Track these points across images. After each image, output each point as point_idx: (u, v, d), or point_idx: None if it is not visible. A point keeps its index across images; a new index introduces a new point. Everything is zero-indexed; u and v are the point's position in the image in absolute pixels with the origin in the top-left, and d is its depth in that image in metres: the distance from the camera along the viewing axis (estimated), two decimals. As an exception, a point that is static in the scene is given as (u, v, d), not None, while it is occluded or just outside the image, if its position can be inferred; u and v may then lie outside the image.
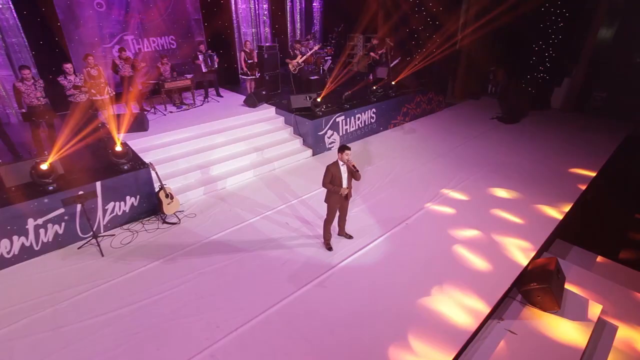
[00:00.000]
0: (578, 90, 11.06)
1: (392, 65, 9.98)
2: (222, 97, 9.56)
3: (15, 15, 7.06)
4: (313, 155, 8.03)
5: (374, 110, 9.08)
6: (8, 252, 4.59)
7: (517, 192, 6.41)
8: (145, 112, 7.83)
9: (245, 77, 9.61)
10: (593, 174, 6.97)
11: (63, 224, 4.92)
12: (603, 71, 10.65)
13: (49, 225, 4.82)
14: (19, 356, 3.47)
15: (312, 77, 9.85)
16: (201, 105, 8.90)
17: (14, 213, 4.50)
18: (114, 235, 5.30)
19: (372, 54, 9.86)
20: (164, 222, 5.60)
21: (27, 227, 4.64)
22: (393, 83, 9.46)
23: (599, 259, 5.46)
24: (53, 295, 4.20)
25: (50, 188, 4.77)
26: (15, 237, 4.58)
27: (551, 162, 7.63)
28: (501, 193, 6.41)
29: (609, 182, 7.30)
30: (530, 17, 10.70)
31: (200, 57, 8.81)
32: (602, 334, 4.05)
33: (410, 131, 9.48)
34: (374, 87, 9.14)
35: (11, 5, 6.96)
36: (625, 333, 4.11)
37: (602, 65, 10.54)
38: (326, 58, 10.23)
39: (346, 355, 3.47)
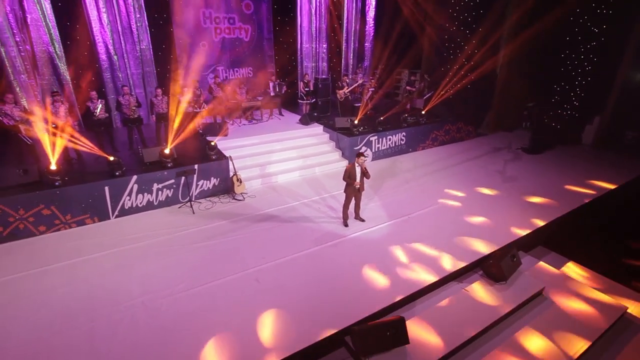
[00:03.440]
0: (608, 128, 11.70)
1: (425, 97, 11.73)
2: (283, 115, 12.10)
3: (151, 51, 10.31)
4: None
5: (404, 133, 10.86)
6: (140, 203, 7.21)
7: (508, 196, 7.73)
8: (227, 123, 10.52)
9: (302, 101, 12.07)
10: (590, 197, 7.97)
11: (172, 190, 7.48)
12: (635, 111, 11.22)
13: (164, 190, 7.39)
14: (150, 258, 5.85)
15: (356, 105, 11.99)
16: (267, 121, 11.48)
17: (148, 178, 7.15)
18: (200, 202, 7.76)
19: (407, 87, 11.73)
20: (234, 198, 7.95)
21: (152, 188, 7.25)
22: (423, 112, 11.19)
23: (569, 262, 6.57)
24: (165, 231, 6.65)
25: (169, 165, 7.37)
26: (146, 194, 7.21)
27: (551, 184, 8.75)
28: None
29: (604, 206, 8.16)
30: (560, 58, 11.82)
31: (271, 84, 11.47)
32: (537, 304, 5.32)
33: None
34: (405, 115, 10.96)
35: (150, 46, 10.21)
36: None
37: (634, 104, 11.14)
38: (370, 90, 12.30)
39: (346, 278, 5.31)
